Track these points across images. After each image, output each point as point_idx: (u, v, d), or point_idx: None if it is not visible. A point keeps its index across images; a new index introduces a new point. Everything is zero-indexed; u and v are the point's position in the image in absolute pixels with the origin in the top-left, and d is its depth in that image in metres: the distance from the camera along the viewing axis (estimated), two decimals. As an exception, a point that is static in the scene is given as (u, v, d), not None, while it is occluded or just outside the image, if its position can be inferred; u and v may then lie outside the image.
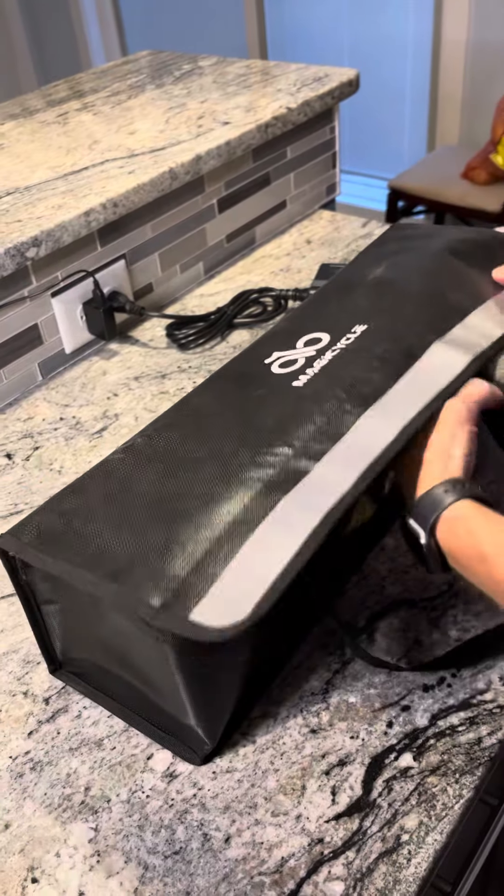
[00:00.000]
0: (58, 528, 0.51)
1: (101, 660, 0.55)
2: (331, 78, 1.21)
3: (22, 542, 0.51)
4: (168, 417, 0.59)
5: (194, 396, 0.61)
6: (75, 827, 0.53)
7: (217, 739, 0.55)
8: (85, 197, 0.93)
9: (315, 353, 0.61)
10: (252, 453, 0.53)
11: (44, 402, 0.93)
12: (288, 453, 0.52)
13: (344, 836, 0.50)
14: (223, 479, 0.51)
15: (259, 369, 0.61)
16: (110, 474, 0.54)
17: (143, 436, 0.58)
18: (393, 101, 2.96)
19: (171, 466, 0.53)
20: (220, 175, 1.10)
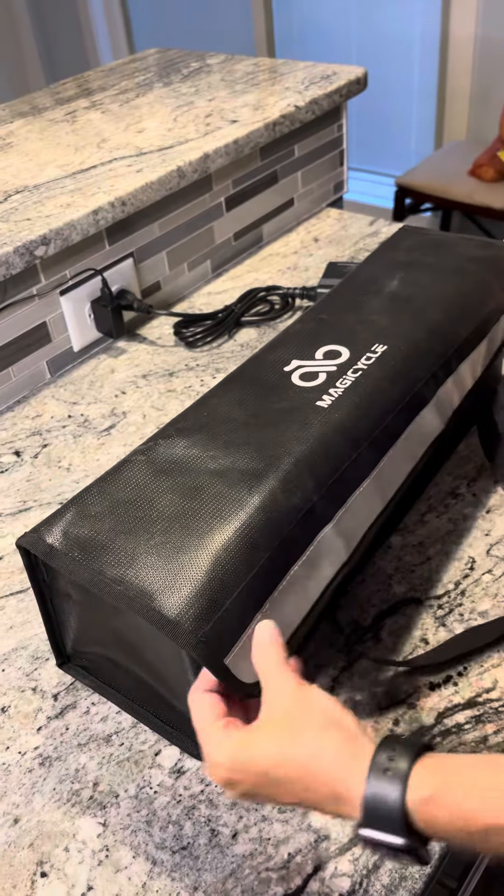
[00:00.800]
0: (85, 534, 0.50)
1: (111, 653, 0.56)
2: (339, 76, 1.21)
3: (47, 543, 0.50)
4: (189, 419, 0.59)
5: (214, 398, 0.61)
6: (84, 822, 0.53)
7: None
8: (93, 195, 0.94)
9: (336, 370, 0.61)
10: (282, 481, 0.52)
11: (52, 399, 0.94)
12: (313, 496, 0.52)
13: (350, 832, 0.51)
14: (257, 507, 0.50)
15: (280, 378, 0.61)
16: (135, 479, 0.54)
17: (164, 437, 0.57)
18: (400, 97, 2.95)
19: (198, 479, 0.52)
20: (228, 173, 1.10)
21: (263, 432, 0.56)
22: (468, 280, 0.69)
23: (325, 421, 0.56)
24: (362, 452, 0.56)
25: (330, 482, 0.53)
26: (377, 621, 0.63)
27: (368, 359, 0.62)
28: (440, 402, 0.63)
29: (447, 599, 0.64)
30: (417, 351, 0.63)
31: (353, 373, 0.61)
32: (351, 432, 0.56)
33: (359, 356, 0.62)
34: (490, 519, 0.71)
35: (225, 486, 0.52)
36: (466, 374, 0.67)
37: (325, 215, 1.27)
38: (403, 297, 0.68)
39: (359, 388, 0.59)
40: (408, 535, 0.70)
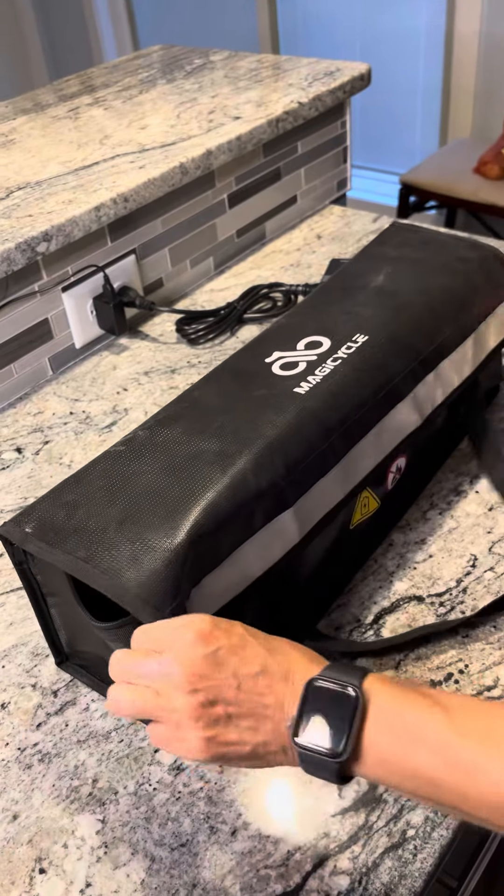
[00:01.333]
0: (60, 519, 0.51)
1: (103, 652, 0.56)
2: (342, 72, 1.21)
3: (24, 531, 0.51)
4: (169, 410, 0.60)
5: (195, 390, 0.61)
6: (83, 818, 0.53)
7: None
8: (95, 192, 0.94)
9: (316, 359, 0.62)
10: (254, 464, 0.53)
11: (54, 396, 0.94)
12: (281, 480, 0.54)
13: (350, 830, 0.51)
14: (226, 486, 0.51)
15: (260, 368, 0.62)
16: (112, 467, 0.55)
17: (144, 428, 0.58)
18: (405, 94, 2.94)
19: (173, 461, 0.54)
20: (231, 170, 1.09)
21: (241, 418, 0.57)
22: (455, 279, 0.69)
23: (300, 407, 0.57)
24: (333, 441, 0.57)
25: (299, 468, 0.54)
26: (378, 618, 0.63)
27: (349, 348, 0.62)
28: (418, 398, 0.64)
29: (448, 597, 0.64)
30: (397, 343, 0.63)
31: (332, 361, 0.61)
32: (324, 421, 0.57)
33: (339, 346, 0.63)
34: (492, 517, 0.70)
35: (199, 466, 0.53)
36: (450, 372, 0.67)
37: (329, 212, 1.27)
38: (388, 291, 0.68)
39: (337, 376, 0.60)
40: (409, 532, 0.70)
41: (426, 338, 0.65)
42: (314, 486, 0.56)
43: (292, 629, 0.61)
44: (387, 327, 0.64)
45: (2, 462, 0.84)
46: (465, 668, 0.59)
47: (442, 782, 0.38)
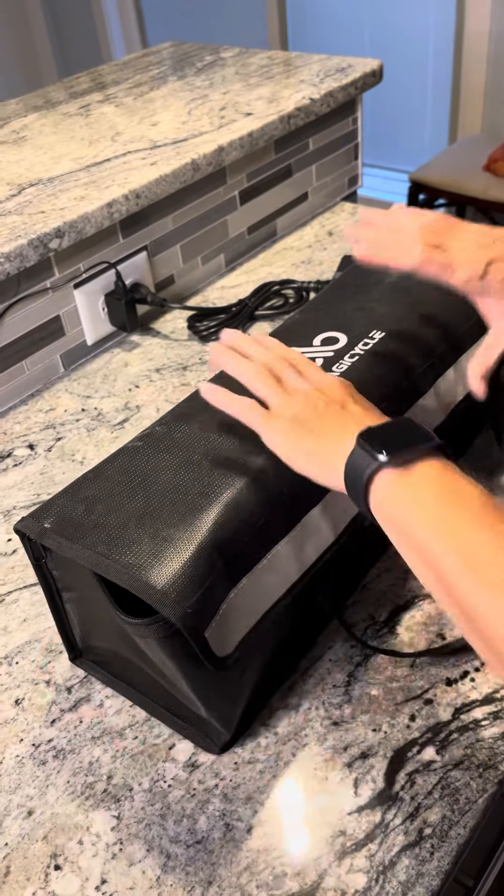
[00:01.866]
0: (79, 515, 0.51)
1: (119, 648, 0.56)
2: (354, 68, 1.21)
3: (42, 527, 0.51)
4: (186, 406, 0.59)
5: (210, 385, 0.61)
6: (98, 815, 0.53)
7: (233, 729, 0.55)
8: (108, 188, 0.93)
9: (333, 355, 0.61)
10: (273, 463, 0.52)
11: (66, 393, 0.94)
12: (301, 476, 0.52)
13: (366, 828, 0.50)
14: (247, 486, 0.51)
15: None
16: (130, 462, 0.54)
17: (161, 424, 0.58)
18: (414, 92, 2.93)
19: (191, 458, 0.53)
20: (242, 166, 1.09)
21: None
22: None
23: None
24: None
25: None
26: (393, 616, 0.63)
27: (366, 344, 0.62)
28: (439, 392, 0.63)
29: (464, 595, 0.64)
30: (413, 339, 0.63)
31: (349, 358, 0.61)
32: None
33: (356, 342, 0.62)
34: (507, 514, 0.70)
35: (217, 465, 0.52)
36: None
37: (340, 209, 1.27)
38: (402, 288, 0.68)
39: (354, 371, 0.59)
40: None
41: (443, 333, 0.64)
42: None
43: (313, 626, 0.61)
44: (401, 323, 0.64)
45: (14, 459, 0.84)
46: (480, 666, 0.58)
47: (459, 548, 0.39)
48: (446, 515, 0.40)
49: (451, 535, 0.40)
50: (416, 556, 0.42)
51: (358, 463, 0.43)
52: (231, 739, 0.55)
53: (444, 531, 0.40)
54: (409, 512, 0.42)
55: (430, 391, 0.62)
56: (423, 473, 0.42)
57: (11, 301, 0.88)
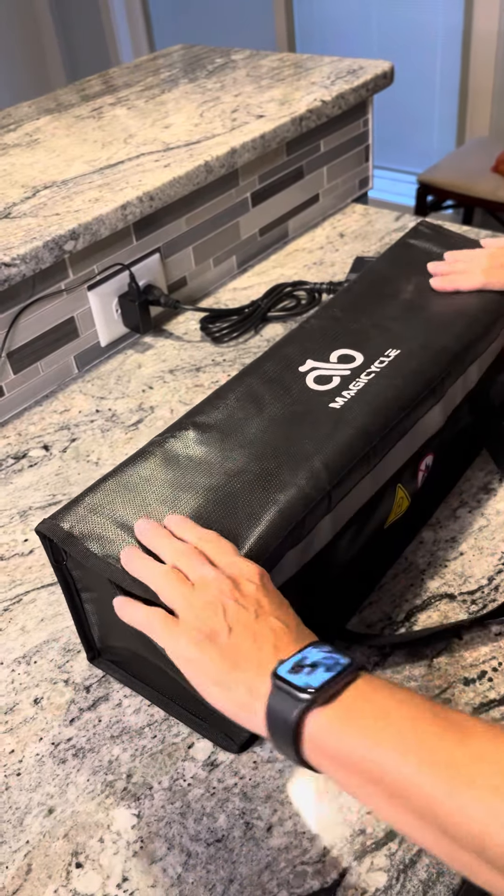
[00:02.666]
0: (102, 522, 0.52)
1: (138, 648, 0.56)
2: (365, 70, 1.21)
3: (66, 531, 0.51)
4: (204, 414, 0.60)
5: (230, 394, 0.62)
6: (118, 813, 0.53)
7: None
8: (122, 190, 0.94)
9: (350, 373, 0.63)
10: (292, 475, 0.54)
11: (80, 394, 0.94)
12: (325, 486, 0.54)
13: (386, 826, 0.50)
14: (272, 514, 0.52)
15: (294, 379, 0.63)
16: (153, 474, 0.55)
17: (181, 429, 0.58)
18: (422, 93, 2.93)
19: (213, 473, 0.54)
20: (254, 168, 1.09)
21: (278, 433, 0.57)
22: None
23: (337, 420, 0.58)
24: (376, 446, 0.57)
25: (343, 474, 0.55)
26: (409, 616, 0.63)
27: (381, 363, 0.63)
28: (447, 399, 0.65)
29: (480, 594, 0.64)
30: (430, 352, 0.64)
31: (366, 376, 0.62)
32: (363, 427, 0.58)
33: (372, 360, 0.63)
34: (523, 514, 0.70)
35: (240, 485, 0.53)
36: (473, 372, 0.68)
37: (351, 211, 1.27)
38: (418, 305, 0.69)
39: (371, 390, 0.61)
40: (440, 530, 0.70)
41: (460, 341, 0.65)
42: (351, 490, 0.57)
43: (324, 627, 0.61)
44: (418, 339, 0.65)
45: (29, 459, 0.85)
46: (498, 666, 0.58)
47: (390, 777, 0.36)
48: (391, 730, 0.37)
49: (405, 745, 0.37)
50: (371, 785, 0.37)
51: (280, 707, 0.39)
52: (250, 738, 0.55)
53: (396, 744, 0.37)
54: (353, 741, 0.38)
55: (441, 399, 0.63)
56: (353, 699, 0.39)
57: (27, 303, 0.88)
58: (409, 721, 0.38)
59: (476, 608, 0.63)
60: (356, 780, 0.38)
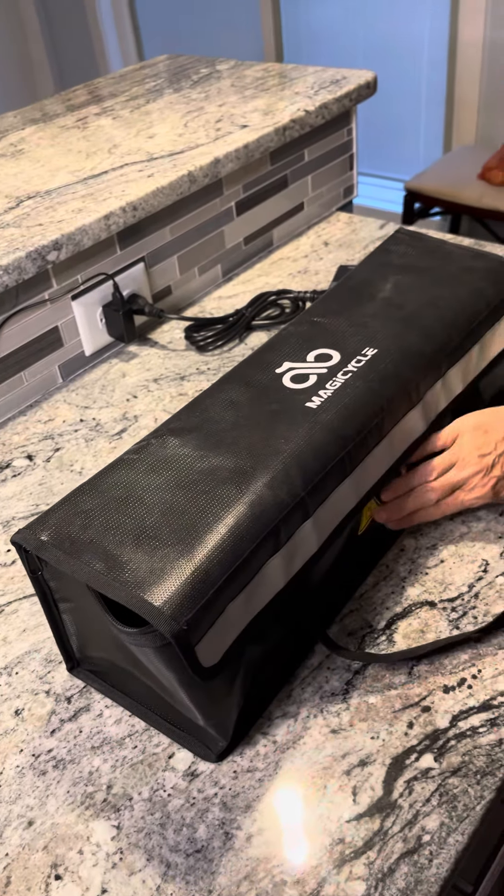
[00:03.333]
0: (76, 529, 0.52)
1: (116, 658, 0.56)
2: (348, 80, 1.22)
3: (40, 539, 0.52)
4: (181, 420, 0.60)
5: (207, 399, 0.62)
6: (98, 825, 0.53)
7: (230, 736, 0.55)
8: (105, 200, 0.94)
9: (327, 372, 0.62)
10: (270, 479, 0.53)
11: (64, 403, 0.94)
12: (301, 491, 0.54)
13: (365, 836, 0.51)
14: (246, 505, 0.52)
15: (271, 380, 0.62)
16: (127, 477, 0.55)
17: (157, 437, 0.58)
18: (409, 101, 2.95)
19: (188, 477, 0.54)
20: (239, 178, 1.10)
21: (253, 432, 0.57)
22: (461, 289, 0.70)
23: (314, 421, 0.58)
24: (350, 450, 0.57)
25: (318, 478, 0.55)
26: (390, 624, 0.63)
27: (359, 361, 0.63)
28: (426, 404, 0.64)
29: (461, 602, 0.64)
30: (407, 355, 0.64)
31: (342, 375, 0.62)
32: (339, 431, 0.57)
33: (349, 359, 0.63)
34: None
35: (214, 483, 0.53)
36: (456, 379, 0.67)
37: (336, 219, 1.28)
38: (396, 303, 0.69)
39: (348, 389, 0.60)
40: (421, 537, 0.70)
41: (436, 346, 0.65)
42: (331, 495, 0.56)
43: (305, 635, 0.61)
44: (396, 340, 0.65)
45: (13, 469, 0.85)
46: (477, 674, 0.59)
47: None
48: None
49: None
50: None
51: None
52: (228, 747, 0.55)
53: None
54: None
55: (418, 405, 0.63)
56: None
57: (10, 313, 0.88)
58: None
59: (456, 616, 0.63)
60: None
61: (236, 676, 0.54)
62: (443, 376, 0.65)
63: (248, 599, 0.51)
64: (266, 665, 0.57)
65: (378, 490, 0.62)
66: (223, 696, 0.53)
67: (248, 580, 0.50)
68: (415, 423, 0.64)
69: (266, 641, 0.56)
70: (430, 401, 0.65)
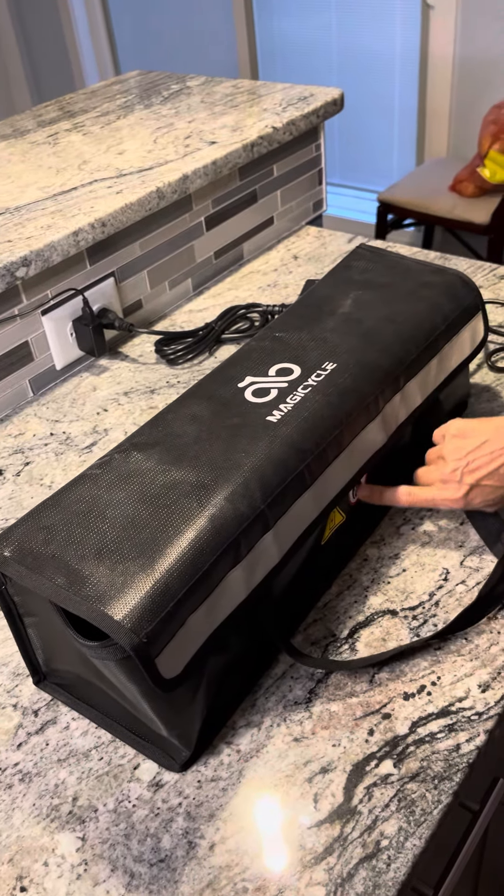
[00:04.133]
0: (38, 544, 0.52)
1: (81, 671, 0.57)
2: (316, 97, 1.24)
3: (3, 555, 0.52)
4: (144, 435, 0.61)
5: (169, 413, 0.63)
6: (63, 836, 0.54)
7: (193, 746, 0.56)
8: (74, 217, 0.95)
9: (287, 386, 0.64)
10: (231, 493, 0.55)
11: (35, 417, 0.95)
12: (261, 504, 0.55)
13: (325, 842, 0.52)
14: (207, 519, 0.53)
15: (234, 395, 0.64)
16: (89, 492, 0.56)
17: (120, 451, 0.59)
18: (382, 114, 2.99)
19: (150, 491, 0.55)
20: (208, 193, 1.12)
21: (215, 446, 0.58)
22: (419, 304, 0.72)
23: (274, 435, 0.59)
24: (310, 463, 0.58)
25: (277, 491, 0.56)
26: (353, 633, 0.64)
27: (318, 376, 0.64)
28: (385, 417, 0.66)
29: (422, 610, 0.65)
30: (365, 369, 0.65)
31: (302, 389, 0.63)
32: (298, 444, 0.59)
33: (309, 373, 0.65)
34: (464, 531, 0.72)
35: (175, 497, 0.54)
36: (415, 392, 0.69)
37: (305, 233, 1.29)
38: (355, 318, 0.70)
39: (308, 403, 0.62)
40: (384, 546, 0.71)
41: (394, 360, 0.66)
42: (291, 508, 0.57)
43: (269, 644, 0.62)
44: (355, 354, 0.66)
45: (-18, 484, 0.85)
46: (437, 680, 0.60)
47: None
48: None
49: None
50: None
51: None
52: (192, 757, 0.56)
53: None
54: None
55: (377, 418, 0.65)
56: None
57: (-21, 328, 0.89)
58: None
59: (417, 624, 0.64)
60: None
61: (199, 687, 0.55)
62: (401, 389, 0.67)
63: (210, 611, 0.52)
64: (229, 675, 0.58)
65: (339, 501, 0.63)
66: (186, 706, 0.54)
67: (208, 592, 0.51)
68: (374, 436, 0.65)
69: (228, 652, 0.57)
70: (389, 413, 0.67)
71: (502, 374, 0.91)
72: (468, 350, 0.75)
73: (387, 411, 0.65)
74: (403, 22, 2.75)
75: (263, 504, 0.55)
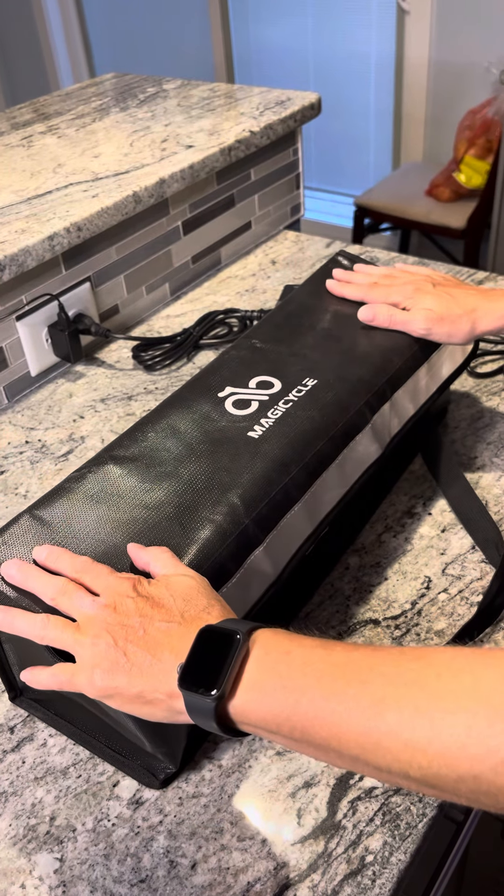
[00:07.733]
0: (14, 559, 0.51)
1: None
2: (293, 101, 1.23)
3: None
4: (123, 446, 0.60)
5: (148, 424, 0.62)
6: (41, 858, 0.52)
7: (178, 762, 0.55)
8: (49, 221, 0.94)
9: (268, 399, 0.63)
10: (211, 512, 0.54)
11: (9, 425, 0.93)
12: (242, 519, 0.54)
13: (309, 858, 0.51)
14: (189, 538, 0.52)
15: (213, 405, 0.63)
16: (70, 509, 0.55)
17: (98, 464, 0.58)
18: (358, 119, 3.00)
19: (130, 507, 0.54)
20: (185, 197, 1.11)
21: (196, 464, 0.57)
22: None
23: (255, 452, 0.58)
24: (294, 476, 0.58)
25: (260, 506, 0.55)
26: (335, 643, 0.63)
27: (299, 391, 0.64)
28: (376, 428, 0.65)
29: (404, 619, 0.65)
30: (347, 383, 0.65)
31: (283, 404, 0.63)
32: (281, 459, 0.58)
33: (290, 388, 0.64)
34: (445, 538, 0.72)
35: (157, 518, 0.53)
36: (405, 401, 0.68)
37: (283, 238, 1.29)
38: (335, 336, 0.70)
39: (289, 418, 0.61)
40: (365, 555, 0.71)
41: (377, 372, 0.66)
42: (281, 521, 0.56)
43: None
44: (335, 370, 0.66)
45: (-44, 494, 0.83)
46: (420, 690, 0.59)
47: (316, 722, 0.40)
48: (310, 685, 0.41)
49: (322, 695, 0.40)
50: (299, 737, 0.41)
51: (197, 707, 0.42)
52: (174, 774, 0.55)
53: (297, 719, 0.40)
54: (272, 708, 0.41)
55: (366, 427, 0.64)
56: (258, 672, 0.42)
57: (-48, 335, 0.87)
58: (307, 669, 0.41)
59: (399, 633, 0.64)
60: (285, 740, 0.42)
61: None
62: (389, 399, 0.66)
63: None
64: None
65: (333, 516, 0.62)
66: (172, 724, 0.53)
67: None
68: (366, 448, 0.65)
69: None
70: (380, 424, 0.66)
71: (482, 379, 0.91)
72: (459, 358, 0.75)
73: (377, 422, 0.65)
74: (379, 27, 2.77)
75: (247, 519, 0.54)
